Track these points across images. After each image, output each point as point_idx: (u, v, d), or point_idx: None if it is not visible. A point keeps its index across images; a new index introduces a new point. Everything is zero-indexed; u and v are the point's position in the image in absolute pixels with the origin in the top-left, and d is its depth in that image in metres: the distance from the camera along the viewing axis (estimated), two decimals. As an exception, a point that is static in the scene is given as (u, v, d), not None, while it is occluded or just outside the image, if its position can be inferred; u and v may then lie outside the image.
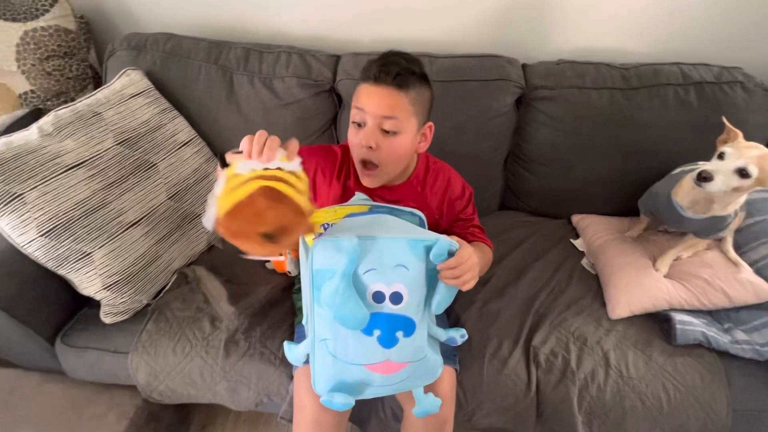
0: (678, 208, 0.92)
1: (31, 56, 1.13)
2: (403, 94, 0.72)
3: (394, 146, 0.74)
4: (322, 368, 0.67)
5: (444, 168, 0.91)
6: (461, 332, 0.72)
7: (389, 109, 0.72)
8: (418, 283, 0.63)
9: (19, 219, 0.81)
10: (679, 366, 0.88)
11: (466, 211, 0.90)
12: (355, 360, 0.65)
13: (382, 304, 0.62)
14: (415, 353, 0.66)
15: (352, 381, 0.67)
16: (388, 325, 0.63)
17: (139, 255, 0.94)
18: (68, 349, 0.92)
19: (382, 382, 0.68)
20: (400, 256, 0.61)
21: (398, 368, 0.67)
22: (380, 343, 0.64)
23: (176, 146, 1.07)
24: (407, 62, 0.75)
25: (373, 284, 0.61)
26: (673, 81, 1.08)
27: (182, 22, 1.26)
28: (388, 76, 0.71)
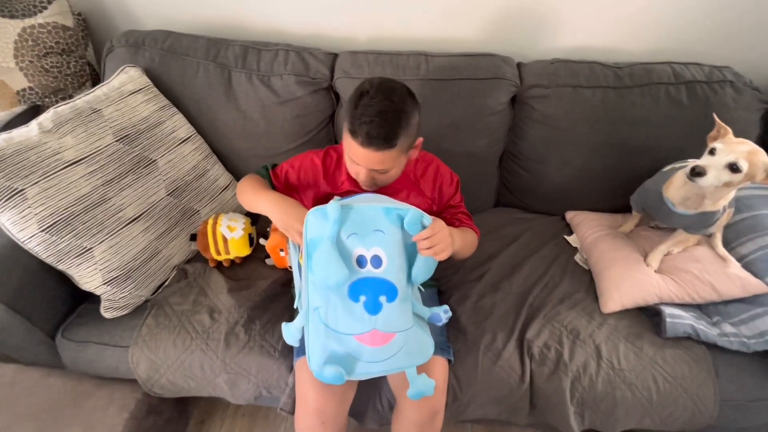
0: (669, 204, 0.94)
1: (29, 53, 1.14)
2: (391, 150, 0.74)
3: (389, 177, 0.82)
4: (315, 339, 0.71)
5: (431, 158, 0.96)
6: (444, 308, 0.77)
7: (379, 164, 0.77)
8: (396, 248, 0.70)
9: (19, 215, 0.82)
10: (668, 357, 0.91)
11: (454, 198, 0.96)
12: (345, 329, 0.69)
13: (365, 268, 0.69)
14: (401, 322, 0.70)
15: (342, 354, 0.71)
16: (372, 290, 0.69)
17: (139, 250, 0.96)
18: (69, 343, 0.93)
19: (372, 357, 0.71)
20: (376, 221, 0.69)
21: (386, 339, 0.70)
22: (366, 309, 0.69)
23: (175, 143, 1.08)
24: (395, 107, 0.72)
25: (355, 248, 0.69)
26: (665, 80, 1.10)
27: (180, 19, 1.27)
28: (376, 143, 0.72)
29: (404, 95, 0.75)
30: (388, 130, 0.72)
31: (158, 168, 1.03)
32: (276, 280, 1.03)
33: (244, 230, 1.04)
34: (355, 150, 0.75)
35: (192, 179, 1.09)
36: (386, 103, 0.72)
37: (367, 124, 0.71)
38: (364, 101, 0.72)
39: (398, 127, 0.73)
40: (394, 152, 0.75)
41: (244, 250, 1.05)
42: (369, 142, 0.72)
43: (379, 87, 0.73)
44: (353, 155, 0.77)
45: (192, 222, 1.08)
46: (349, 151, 0.78)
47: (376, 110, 0.71)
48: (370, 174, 0.79)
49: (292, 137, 1.19)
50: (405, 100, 0.75)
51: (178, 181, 1.06)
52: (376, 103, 0.72)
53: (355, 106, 0.73)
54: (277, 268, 1.07)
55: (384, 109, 0.72)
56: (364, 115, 0.71)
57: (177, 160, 1.07)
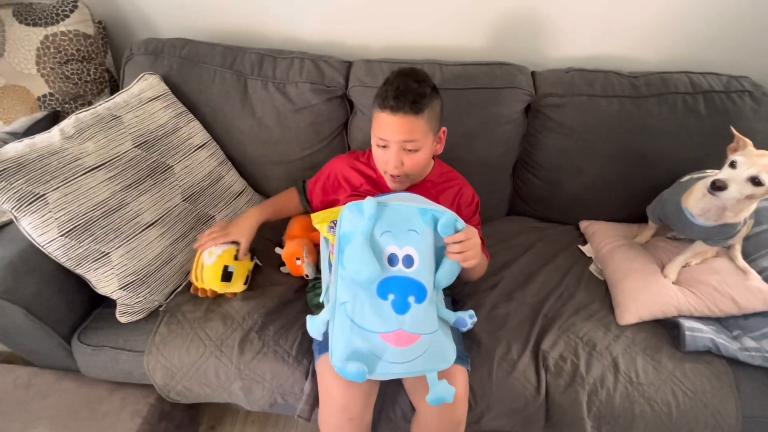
0: (688, 215, 0.93)
1: (50, 60, 1.16)
2: (419, 118, 0.80)
3: (416, 160, 0.85)
4: (340, 334, 0.71)
5: (456, 175, 1.01)
6: (470, 312, 0.77)
7: (408, 134, 0.81)
8: (427, 249, 0.70)
9: (40, 219, 0.83)
10: (688, 372, 0.89)
11: (473, 220, 0.97)
12: (371, 327, 0.69)
13: (395, 267, 0.69)
14: (426, 324, 0.70)
15: (366, 351, 0.70)
16: (401, 289, 0.69)
17: (155, 255, 0.96)
18: (84, 347, 0.93)
19: (395, 357, 0.70)
20: (411, 221, 0.70)
21: (411, 340, 0.69)
22: (393, 308, 0.69)
23: (191, 149, 1.10)
24: (418, 84, 0.81)
25: (388, 246, 0.69)
26: (682, 89, 1.09)
27: (198, 27, 1.29)
28: (405, 105, 0.78)
29: (428, 80, 0.84)
30: (416, 94, 0.79)
31: (174, 174, 1.04)
32: (290, 286, 1.03)
33: (219, 258, 0.91)
34: (384, 121, 0.80)
35: (207, 185, 1.10)
36: (412, 77, 0.81)
37: (395, 89, 0.78)
38: (392, 79, 0.82)
39: (424, 99, 0.79)
40: (421, 123, 0.80)
41: (214, 283, 0.92)
42: (398, 106, 0.78)
43: (402, 70, 0.84)
44: (383, 131, 0.82)
45: (206, 228, 1.08)
46: (378, 127, 0.83)
47: (403, 82, 0.80)
48: (400, 156, 0.83)
49: (306, 144, 1.20)
50: (429, 84, 0.83)
51: (193, 186, 1.07)
52: (402, 79, 0.81)
53: (384, 84, 0.83)
54: (292, 276, 1.07)
55: (410, 82, 0.80)
56: (391, 87, 0.79)
57: (193, 166, 1.08)
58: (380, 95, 0.82)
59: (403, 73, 0.83)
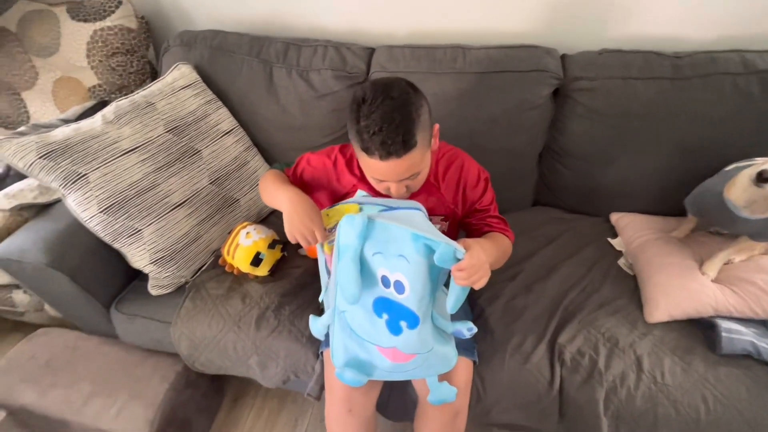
0: (732, 207, 0.85)
1: (99, 53, 1.26)
2: (413, 152, 0.66)
3: (419, 180, 0.74)
4: (340, 339, 0.72)
5: (456, 153, 0.85)
6: (468, 325, 0.71)
7: (407, 172, 0.69)
8: (419, 278, 0.63)
9: (83, 196, 0.92)
10: (722, 376, 0.82)
11: (482, 201, 0.84)
12: (369, 338, 0.69)
13: (388, 289, 0.65)
14: (420, 346, 0.68)
15: (364, 359, 0.71)
16: (394, 312, 0.66)
17: (182, 234, 1.03)
18: (120, 315, 1.02)
19: (392, 369, 0.71)
20: (402, 246, 0.63)
21: (406, 358, 0.69)
22: (387, 327, 0.67)
23: (219, 135, 1.15)
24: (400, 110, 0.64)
25: (380, 267, 0.65)
26: (732, 70, 0.99)
27: (229, 18, 1.34)
28: (395, 148, 0.64)
29: (403, 87, 0.67)
30: (404, 131, 0.64)
31: (202, 158, 1.10)
32: (307, 269, 1.06)
33: (254, 243, 0.97)
34: (376, 168, 0.68)
35: (233, 169, 1.16)
36: (388, 103, 0.64)
37: (378, 134, 0.63)
38: (364, 110, 0.64)
39: (411, 124, 0.65)
40: (417, 153, 0.67)
41: (243, 264, 0.97)
42: (388, 153, 0.64)
43: (374, 88, 0.66)
44: (377, 173, 0.70)
45: (231, 210, 1.14)
46: (370, 170, 0.71)
47: (380, 115, 0.63)
48: (402, 185, 0.72)
49: (327, 131, 1.22)
50: (407, 91, 0.67)
51: (220, 170, 1.13)
52: (378, 107, 0.64)
53: (356, 120, 0.65)
54: (310, 258, 1.10)
55: (389, 109, 0.64)
56: (370, 126, 0.64)
57: (220, 151, 1.14)
58: (359, 136, 0.65)
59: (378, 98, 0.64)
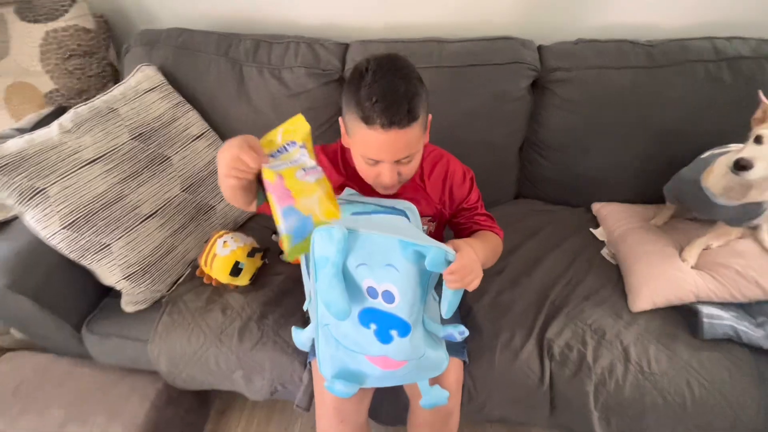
0: (709, 194, 0.86)
1: (53, 56, 1.18)
2: (414, 127, 0.63)
3: (413, 167, 0.71)
4: (325, 351, 0.69)
5: (441, 154, 0.84)
6: (460, 329, 0.70)
7: (405, 150, 0.65)
8: (409, 286, 0.61)
9: (42, 213, 0.85)
10: (705, 361, 0.84)
11: (469, 199, 0.83)
12: (357, 348, 0.66)
13: (376, 300, 0.62)
14: (412, 352, 0.66)
15: (354, 369, 0.68)
16: (383, 322, 0.63)
17: (155, 246, 0.98)
18: (93, 336, 0.96)
19: (383, 376, 0.69)
20: (389, 255, 0.60)
21: (397, 365, 0.67)
22: (377, 337, 0.65)
23: (189, 139, 1.10)
24: (406, 81, 0.62)
25: (365, 279, 0.61)
26: (705, 57, 1.00)
27: (194, 15, 1.27)
28: (399, 117, 0.61)
29: (407, 61, 0.65)
30: (409, 100, 0.61)
31: (173, 165, 1.04)
32: (289, 276, 1.03)
33: (232, 252, 0.93)
34: (374, 140, 0.63)
35: (206, 175, 1.10)
36: (394, 72, 0.62)
37: (382, 100, 0.60)
38: (368, 78, 0.61)
39: (416, 97, 0.62)
40: (417, 129, 0.64)
41: (221, 274, 0.93)
42: (390, 123, 0.60)
43: (378, 58, 0.63)
44: (373, 150, 0.65)
45: (207, 218, 1.09)
46: (366, 147, 0.65)
47: (386, 83, 0.61)
48: (395, 169, 0.67)
49: (304, 131, 1.17)
50: (410, 65, 0.65)
51: (192, 177, 1.07)
52: (383, 76, 0.61)
53: (357, 89, 0.62)
54: (291, 263, 1.06)
55: (394, 78, 0.61)
56: (374, 93, 0.60)
57: (191, 157, 1.08)
58: (360, 104, 0.61)
59: (383, 66, 0.62)
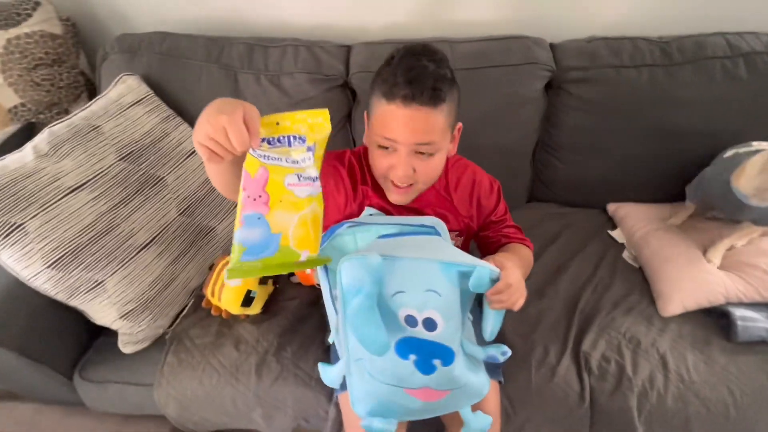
0: (740, 196, 0.84)
1: (17, 66, 1.04)
2: (438, 112, 0.61)
3: (431, 167, 0.66)
4: (360, 388, 0.63)
5: (467, 164, 0.81)
6: (502, 349, 0.63)
7: (425, 133, 0.62)
8: (453, 310, 0.57)
9: (21, 251, 0.74)
10: (742, 366, 0.82)
11: (497, 212, 0.80)
12: (394, 382, 0.60)
13: (415, 328, 0.57)
14: (455, 381, 0.61)
15: (390, 404, 0.62)
16: (424, 352, 0.58)
17: (155, 278, 0.88)
18: (88, 384, 0.86)
19: (424, 408, 0.63)
20: (430, 280, 0.55)
21: (440, 396, 0.62)
22: (417, 368, 0.58)
23: (183, 156, 0.99)
24: (437, 64, 0.61)
25: (402, 308, 0.56)
26: (720, 53, 0.99)
27: (175, 18, 1.16)
28: (422, 93, 0.59)
29: (446, 58, 0.64)
30: (436, 78, 0.59)
31: (167, 186, 0.94)
32: (303, 300, 0.95)
33: (244, 281, 0.86)
34: (391, 117, 0.61)
35: (204, 194, 1.01)
36: (427, 56, 0.61)
37: (407, 71, 0.58)
38: (396, 59, 0.61)
39: (445, 80, 0.61)
40: (441, 116, 0.61)
41: (233, 306, 0.86)
42: (412, 96, 0.58)
43: (412, 47, 0.62)
44: (390, 129, 0.62)
45: (207, 241, 1.00)
46: (383, 125, 0.62)
47: (413, 61, 0.60)
48: (410, 161, 0.63)
49: (307, 141, 1.09)
50: (442, 55, 0.63)
51: (189, 198, 0.98)
52: (411, 57, 0.60)
53: (387, 64, 0.62)
54: (303, 285, 0.99)
55: (422, 59, 0.60)
56: (401, 68, 0.59)
57: (186, 175, 0.98)
58: (385, 80, 0.61)
59: (414, 51, 0.62)
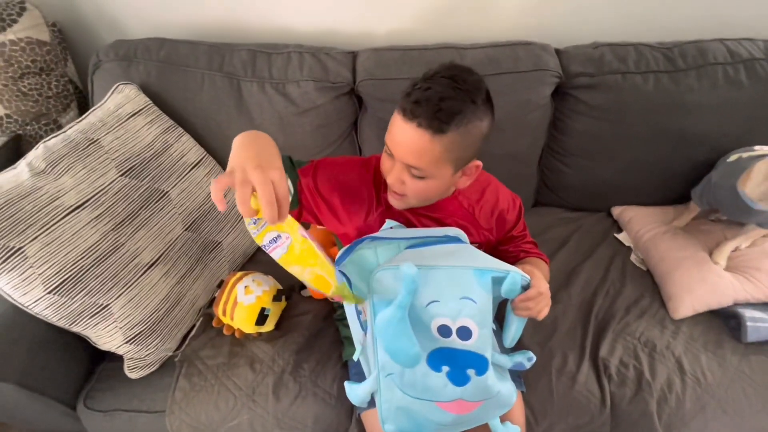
0: (746, 200, 0.86)
1: (2, 75, 0.98)
2: (436, 140, 0.57)
3: (419, 188, 0.64)
4: (389, 405, 0.61)
5: (488, 179, 0.80)
6: (528, 355, 0.65)
7: (414, 157, 0.59)
8: (487, 317, 0.57)
9: (20, 277, 0.69)
10: (755, 366, 0.84)
11: (517, 227, 0.80)
12: (426, 396, 0.59)
13: (449, 338, 0.57)
14: (488, 392, 0.60)
15: (423, 420, 0.61)
16: (458, 362, 0.58)
17: (161, 299, 0.84)
18: (93, 413, 0.81)
19: (456, 421, 0.62)
20: (465, 288, 0.56)
21: (472, 407, 0.61)
22: (450, 380, 0.58)
23: (186, 168, 0.95)
24: (456, 91, 0.57)
25: (436, 318, 0.56)
26: (721, 59, 1.01)
27: (171, 23, 1.11)
28: (423, 115, 0.56)
29: (478, 84, 0.60)
30: (446, 104, 0.56)
31: (171, 201, 0.90)
32: (317, 314, 0.93)
33: (258, 299, 0.83)
34: (395, 127, 0.60)
35: (209, 207, 0.97)
36: (454, 78, 0.58)
37: (422, 92, 0.57)
38: (432, 72, 0.59)
39: (457, 112, 0.56)
40: (439, 147, 0.58)
41: (246, 325, 0.83)
42: (414, 114, 0.56)
43: (451, 65, 0.60)
44: (391, 137, 0.62)
45: (213, 257, 0.96)
46: (389, 132, 0.63)
47: (437, 83, 0.57)
48: (401, 174, 0.62)
49: (313, 150, 1.07)
50: (472, 83, 0.59)
51: (194, 212, 0.94)
52: (441, 79, 0.58)
53: (413, 84, 0.60)
54: (314, 299, 0.96)
55: (446, 86, 0.57)
56: (424, 85, 0.58)
57: (191, 189, 0.94)
58: (407, 88, 0.60)
59: (448, 71, 0.59)
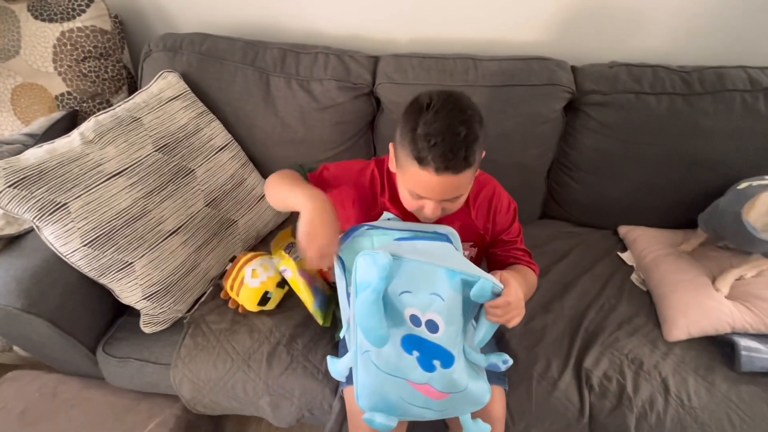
0: (750, 228, 0.85)
1: (67, 57, 1.12)
2: (468, 172, 0.62)
3: (457, 204, 0.69)
4: (365, 380, 0.66)
5: (487, 179, 0.83)
6: (503, 357, 0.67)
7: (454, 191, 0.65)
8: (455, 316, 0.60)
9: (63, 229, 0.80)
10: (744, 395, 0.83)
11: (510, 231, 0.82)
12: (397, 373, 0.64)
13: (419, 328, 0.61)
14: (455, 385, 0.64)
15: (394, 398, 0.66)
16: (426, 351, 0.62)
17: (178, 264, 0.93)
18: (110, 358, 0.91)
19: (425, 404, 0.66)
20: (435, 284, 0.59)
21: (439, 396, 0.65)
22: (419, 364, 0.63)
23: (213, 151, 1.05)
24: (466, 126, 0.60)
25: (408, 307, 0.60)
26: (740, 86, 1.00)
27: (216, 21, 1.23)
28: (454, 164, 0.59)
29: (471, 101, 0.64)
30: (467, 147, 0.59)
31: (196, 178, 1.00)
32: (316, 296, 0.99)
33: (262, 284, 0.90)
34: (425, 182, 0.62)
35: (230, 189, 1.06)
36: (457, 114, 0.60)
37: (440, 145, 0.58)
38: (428, 117, 0.60)
39: (475, 142, 0.61)
40: (470, 173, 0.63)
41: (249, 304, 0.91)
42: (446, 168, 0.59)
43: (441, 95, 0.62)
44: (422, 188, 0.64)
45: (229, 233, 1.05)
46: (414, 184, 0.64)
47: (447, 124, 0.59)
48: (439, 206, 0.66)
49: (330, 145, 1.14)
50: (474, 107, 0.63)
51: (216, 191, 1.03)
52: (446, 116, 0.60)
53: (414, 126, 0.60)
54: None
55: (456, 121, 0.59)
56: (432, 134, 0.59)
57: (215, 169, 1.04)
58: (416, 144, 0.60)
59: (446, 106, 0.61)
